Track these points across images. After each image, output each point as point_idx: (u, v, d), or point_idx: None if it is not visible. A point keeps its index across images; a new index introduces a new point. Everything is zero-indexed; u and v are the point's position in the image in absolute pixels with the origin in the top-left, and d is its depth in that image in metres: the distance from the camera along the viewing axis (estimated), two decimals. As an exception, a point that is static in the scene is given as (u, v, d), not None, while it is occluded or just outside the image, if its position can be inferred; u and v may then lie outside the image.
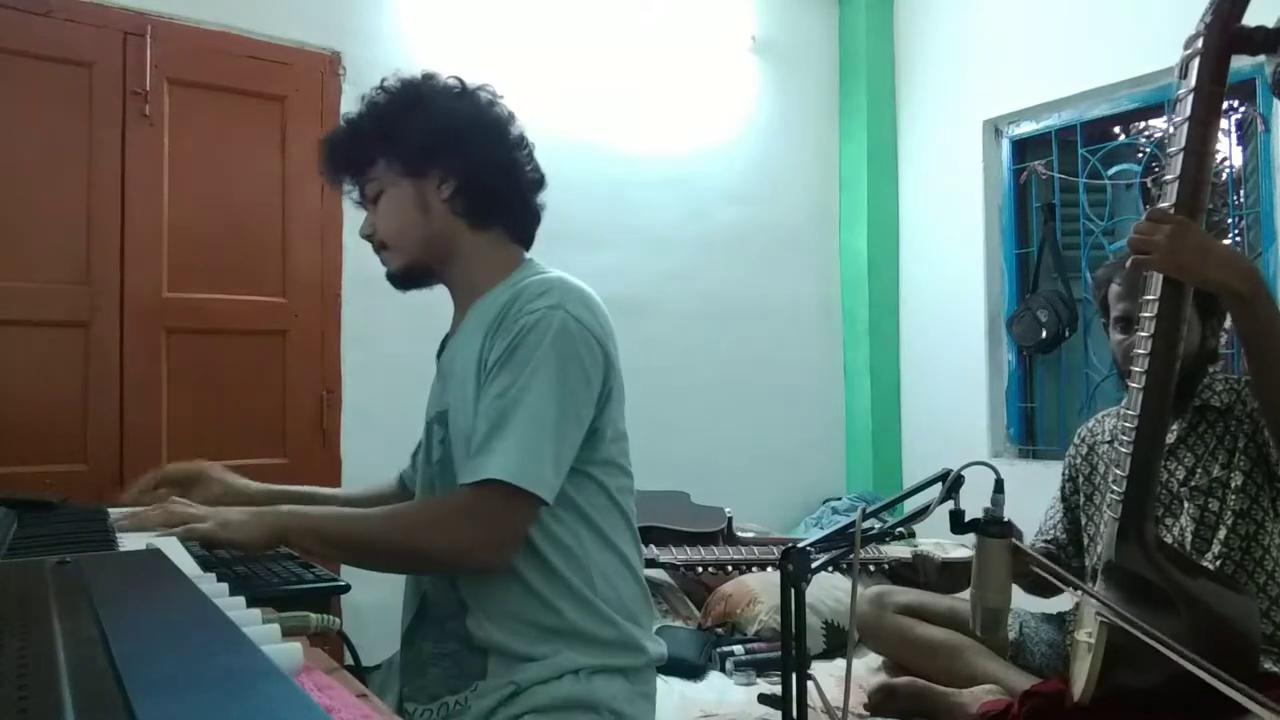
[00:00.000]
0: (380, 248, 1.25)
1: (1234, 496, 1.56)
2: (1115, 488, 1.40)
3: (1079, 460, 1.86)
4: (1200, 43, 1.29)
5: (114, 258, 2.39)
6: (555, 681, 1.08)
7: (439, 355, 1.30)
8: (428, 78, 1.24)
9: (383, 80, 1.26)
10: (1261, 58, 1.32)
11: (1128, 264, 1.38)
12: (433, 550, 1.08)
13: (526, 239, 1.28)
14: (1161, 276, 1.33)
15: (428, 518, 1.12)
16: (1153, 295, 1.35)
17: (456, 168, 1.20)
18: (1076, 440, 1.89)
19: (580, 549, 1.13)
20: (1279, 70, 1.27)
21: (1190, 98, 1.30)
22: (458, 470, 1.14)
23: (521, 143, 1.25)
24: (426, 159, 1.20)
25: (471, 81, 1.25)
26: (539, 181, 1.26)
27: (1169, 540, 1.62)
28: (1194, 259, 1.29)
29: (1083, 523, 1.82)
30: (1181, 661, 1.20)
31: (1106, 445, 1.80)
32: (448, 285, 1.28)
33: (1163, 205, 1.33)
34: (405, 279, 1.26)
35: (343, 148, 1.25)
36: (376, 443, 2.74)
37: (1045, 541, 1.89)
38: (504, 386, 1.08)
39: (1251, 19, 1.28)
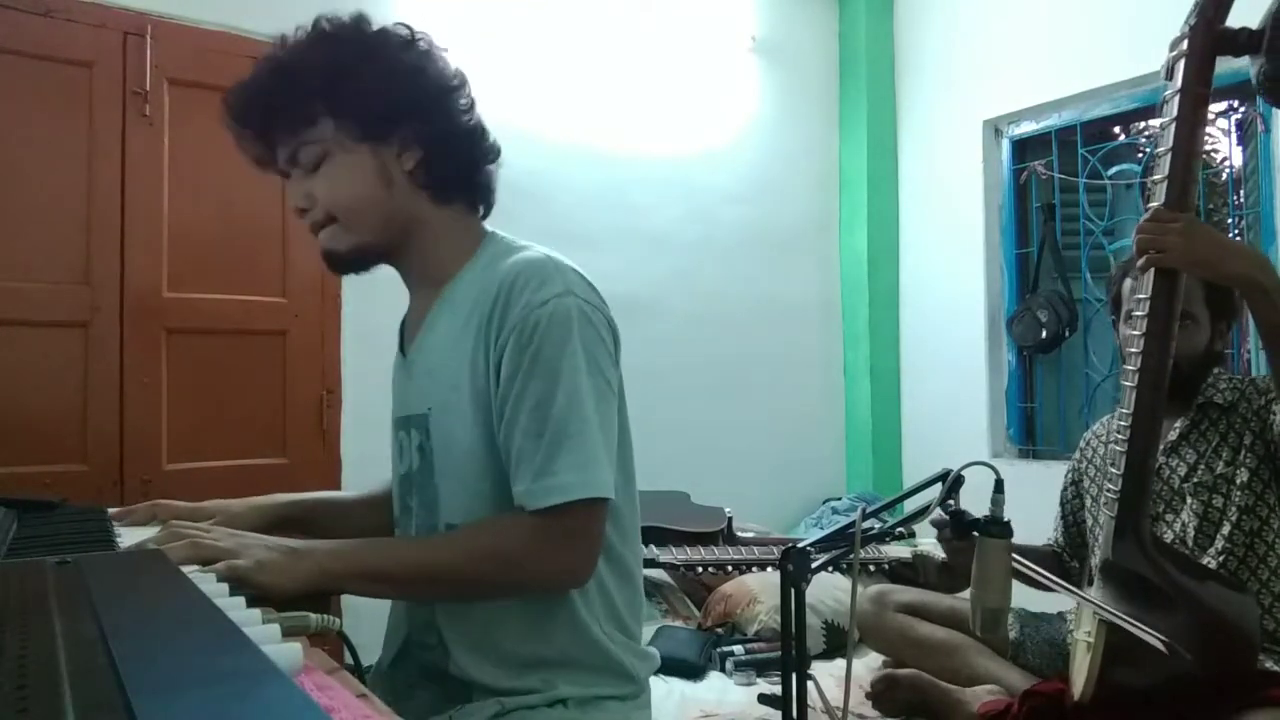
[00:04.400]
0: (325, 223, 1.07)
1: (1239, 493, 1.56)
2: (1111, 486, 1.41)
3: (1084, 464, 1.87)
4: (1185, 44, 1.31)
5: (114, 258, 2.39)
6: (545, 710, 1.02)
7: (402, 348, 1.17)
8: (368, 24, 1.07)
9: (318, 21, 1.06)
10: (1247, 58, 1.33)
11: (1138, 264, 1.37)
12: (532, 580, 1.00)
13: (486, 210, 1.16)
14: (1154, 275, 1.34)
15: (515, 547, 0.98)
16: (1145, 294, 1.35)
17: (422, 135, 1.05)
18: (1082, 444, 1.90)
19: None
20: (1261, 71, 1.28)
21: (1177, 99, 1.31)
22: (440, 480, 1.06)
23: (474, 104, 1.11)
24: (389, 123, 1.04)
25: (418, 30, 1.09)
26: (497, 149, 1.13)
27: (1170, 537, 1.62)
28: (1211, 254, 1.30)
29: (1089, 525, 1.83)
30: (1164, 646, 1.21)
31: (1106, 446, 1.80)
32: (401, 267, 1.14)
33: (1153, 204, 1.34)
34: (353, 261, 1.09)
35: (274, 99, 1.03)
36: (376, 443, 2.71)
37: (1045, 544, 1.91)
38: (541, 395, 0.97)
39: (1235, 20, 1.30)
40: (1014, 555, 1.23)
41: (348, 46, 1.04)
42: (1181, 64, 1.31)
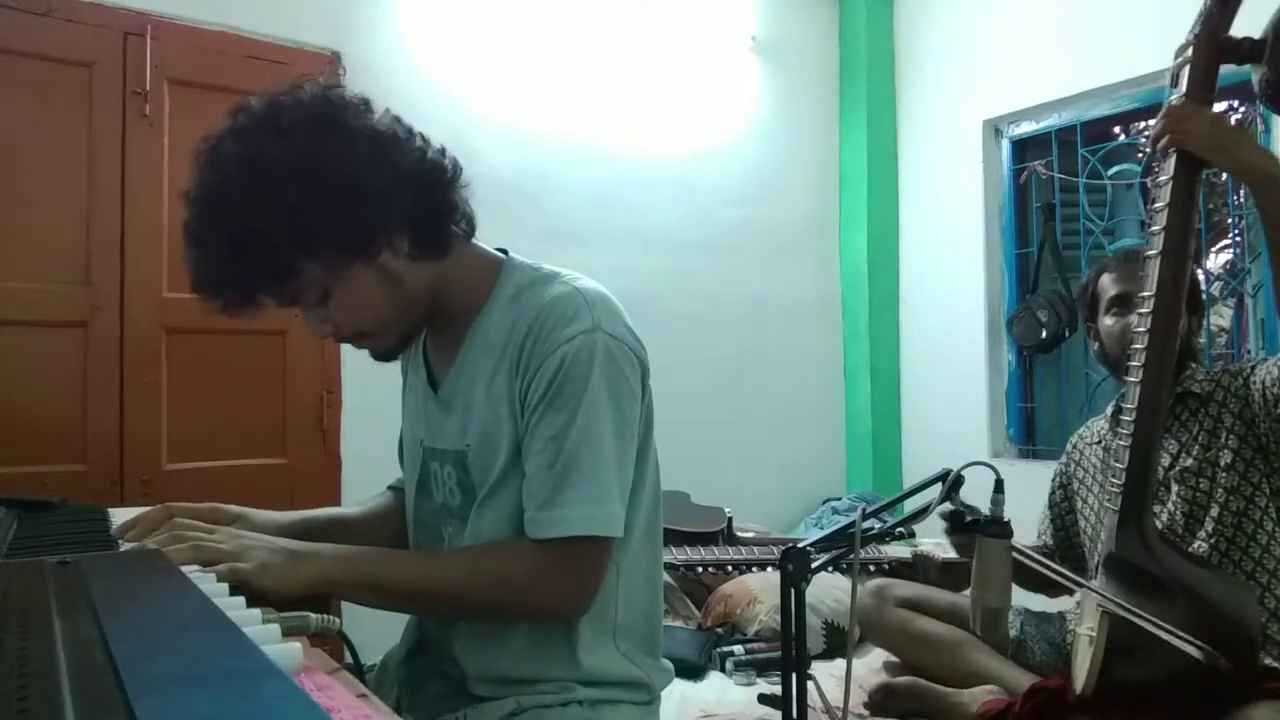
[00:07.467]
0: (356, 338, 1.05)
1: (1224, 474, 1.58)
2: (1114, 480, 1.42)
3: (1072, 466, 1.87)
4: (1190, 52, 1.35)
5: (114, 258, 2.39)
6: (561, 709, 1.04)
7: (430, 381, 1.16)
8: (283, 121, 0.93)
9: (228, 154, 0.92)
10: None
11: (1158, 146, 1.36)
12: (529, 607, 1.03)
13: (471, 229, 1.09)
14: (1160, 264, 1.35)
15: (516, 574, 1.00)
16: (1149, 291, 1.37)
17: (403, 216, 0.98)
18: (1069, 447, 1.91)
19: (612, 581, 1.07)
20: (1264, 79, 1.31)
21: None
22: (479, 512, 1.06)
23: (415, 136, 1.02)
24: (374, 232, 0.96)
25: (327, 87, 0.98)
26: (460, 166, 1.05)
27: (1159, 527, 1.62)
28: (1232, 140, 1.33)
29: (1081, 526, 1.83)
30: (1177, 642, 1.21)
31: (1093, 447, 1.82)
32: (427, 322, 1.12)
33: (1157, 205, 1.36)
34: (401, 350, 1.10)
35: (251, 273, 0.94)
36: (376, 443, 2.72)
37: (1032, 547, 1.91)
38: (559, 427, 0.98)
39: (1239, 29, 1.33)
40: (1016, 549, 1.24)
41: (296, 179, 0.91)
42: (1186, 71, 1.34)
